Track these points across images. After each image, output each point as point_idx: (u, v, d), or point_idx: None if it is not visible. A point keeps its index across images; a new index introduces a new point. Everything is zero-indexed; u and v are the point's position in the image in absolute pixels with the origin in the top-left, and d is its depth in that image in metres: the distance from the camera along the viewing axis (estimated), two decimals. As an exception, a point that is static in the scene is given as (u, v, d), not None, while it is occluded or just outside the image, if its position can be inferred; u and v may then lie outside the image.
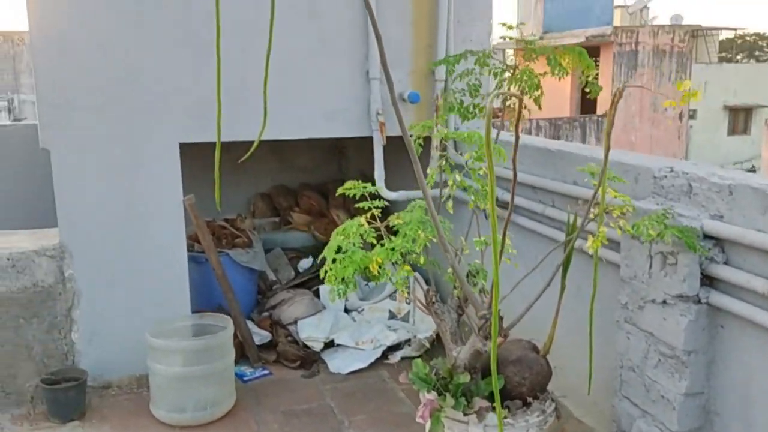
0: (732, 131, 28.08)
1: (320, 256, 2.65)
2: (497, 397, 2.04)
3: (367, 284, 4.86)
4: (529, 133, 18.01)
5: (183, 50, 3.74)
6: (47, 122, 3.57)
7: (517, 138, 1.91)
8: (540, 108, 3.54)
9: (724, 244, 2.41)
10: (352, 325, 4.39)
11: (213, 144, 3.94)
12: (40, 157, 4.10)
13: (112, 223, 3.73)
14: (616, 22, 22.23)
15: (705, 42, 30.97)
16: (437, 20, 4.19)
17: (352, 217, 5.36)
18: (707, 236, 2.41)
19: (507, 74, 3.20)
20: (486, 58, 3.13)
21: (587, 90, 3.45)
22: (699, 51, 29.97)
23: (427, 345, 4.19)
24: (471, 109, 3.45)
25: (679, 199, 2.59)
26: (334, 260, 2.45)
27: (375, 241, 2.57)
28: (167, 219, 3.82)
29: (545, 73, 3.19)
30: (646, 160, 2.89)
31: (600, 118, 18.51)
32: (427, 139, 3.93)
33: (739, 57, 44.79)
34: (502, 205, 3.87)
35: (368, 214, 2.71)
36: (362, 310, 4.54)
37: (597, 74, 3.47)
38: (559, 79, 3.27)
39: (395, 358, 4.19)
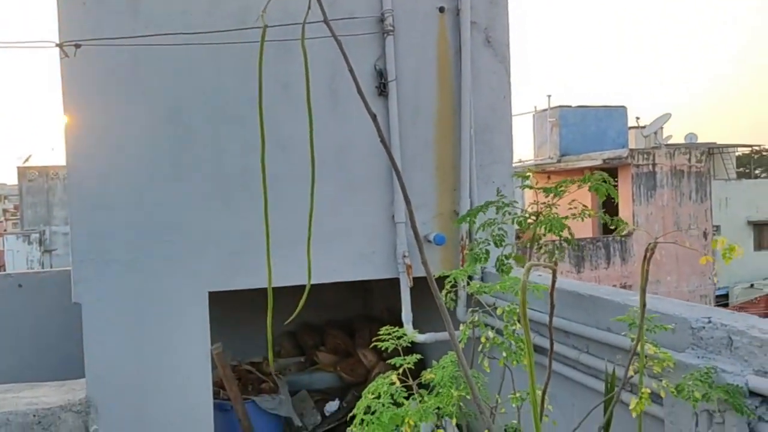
0: (758, 246, 27.84)
1: (351, 414, 2.58)
2: None
3: None
4: (552, 253, 17.96)
5: (214, 203, 3.86)
6: (80, 276, 3.64)
7: (552, 307, 1.89)
8: (572, 245, 3.55)
9: (773, 402, 2.30)
10: (382, 476, 4.18)
11: (238, 291, 3.96)
12: (72, 306, 4.15)
13: (139, 376, 3.70)
14: (632, 144, 22.71)
15: (722, 159, 31.46)
16: (460, 164, 4.32)
17: (379, 356, 5.28)
18: (753, 393, 2.31)
19: (530, 220, 3.23)
20: (505, 207, 3.18)
21: (612, 227, 3.47)
22: (716, 168, 30.37)
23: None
24: (503, 260, 3.46)
25: (720, 352, 2.51)
26: (362, 421, 2.37)
27: (405, 401, 2.50)
28: (194, 369, 3.79)
29: (567, 216, 3.22)
30: (682, 308, 2.84)
31: (623, 239, 18.49)
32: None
33: (757, 172, 45.22)
34: (535, 349, 3.80)
35: (401, 370, 2.66)
36: (393, 460, 4.34)
37: (617, 203, 3.51)
38: (582, 220, 3.29)
39: None
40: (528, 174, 3.35)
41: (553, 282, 1.82)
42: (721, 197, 26.49)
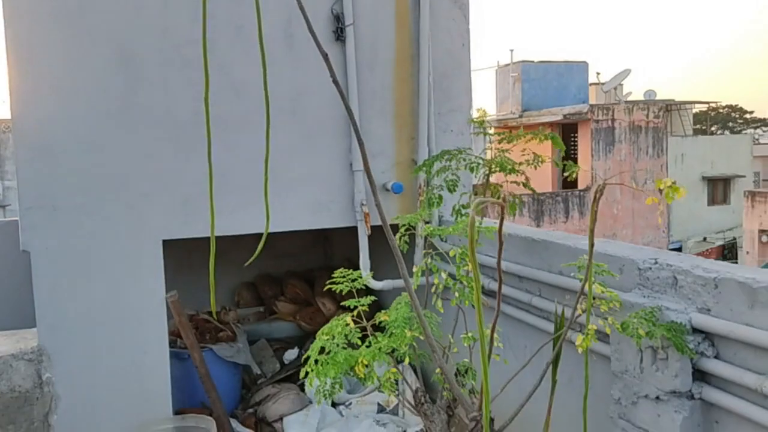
0: (712, 201, 28.63)
1: (305, 355, 2.60)
2: None
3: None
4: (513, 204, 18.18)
5: (166, 149, 3.77)
6: (28, 224, 3.55)
7: (501, 242, 1.91)
8: (533, 192, 3.59)
9: (713, 338, 2.39)
10: (340, 420, 4.26)
11: (195, 239, 3.92)
12: (22, 255, 4.06)
13: (93, 324, 3.65)
14: (592, 100, 22.92)
15: (679, 116, 31.99)
16: (418, 112, 4.29)
17: (338, 305, 5.31)
18: (696, 330, 2.39)
19: (483, 168, 3.24)
20: (460, 155, 3.18)
21: (565, 173, 3.50)
22: (674, 124, 30.91)
23: (419, 440, 4.06)
24: (459, 208, 3.48)
25: (665, 292, 2.58)
26: (316, 361, 2.39)
27: (360, 342, 2.53)
28: (149, 317, 3.75)
29: (521, 163, 3.24)
30: (629, 250, 2.90)
31: (581, 193, 18.81)
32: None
33: (713, 129, 46.18)
34: (488, 293, 3.87)
35: (355, 312, 2.69)
36: (350, 404, 4.42)
37: (564, 156, 3.56)
38: (536, 167, 3.32)
39: (385, 454, 4.05)
40: (483, 119, 3.35)
41: (501, 220, 1.83)
42: (678, 153, 27.03)
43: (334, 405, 4.49)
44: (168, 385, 3.81)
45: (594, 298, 2.54)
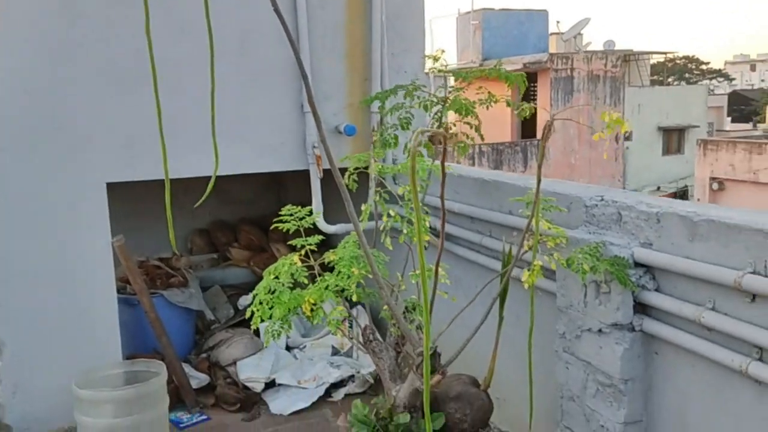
0: (666, 151, 29.15)
1: (252, 294, 2.57)
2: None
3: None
4: (473, 159, 18.27)
5: (108, 89, 3.62)
6: (-38, 167, 3.40)
7: (444, 175, 1.89)
8: (482, 138, 3.55)
9: (654, 272, 2.43)
10: (294, 363, 4.27)
11: (142, 182, 3.82)
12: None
13: (36, 269, 3.55)
14: (552, 49, 22.88)
15: (637, 66, 32.23)
16: (371, 53, 4.20)
17: (292, 250, 5.29)
18: (638, 264, 2.43)
19: (438, 106, 3.19)
20: (414, 91, 3.12)
21: (516, 112, 3.46)
22: (632, 75, 31.16)
23: (371, 380, 4.11)
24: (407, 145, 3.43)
25: (610, 228, 2.61)
26: (261, 302, 2.36)
27: (306, 281, 2.51)
28: (95, 262, 3.66)
29: (475, 102, 3.19)
30: (577, 189, 2.92)
31: (539, 141, 18.94)
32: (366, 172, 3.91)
33: (670, 79, 46.77)
34: (438, 235, 3.87)
35: (302, 252, 2.66)
36: (304, 347, 4.44)
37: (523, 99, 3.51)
38: (488, 107, 3.27)
39: (339, 395, 4.09)
40: (438, 55, 3.28)
41: (444, 152, 1.80)
42: (635, 104, 27.31)
43: (288, 348, 4.50)
44: (117, 330, 3.75)
45: (541, 235, 2.55)
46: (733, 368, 2.11)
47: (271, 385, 4.13)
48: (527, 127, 20.09)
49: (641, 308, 2.46)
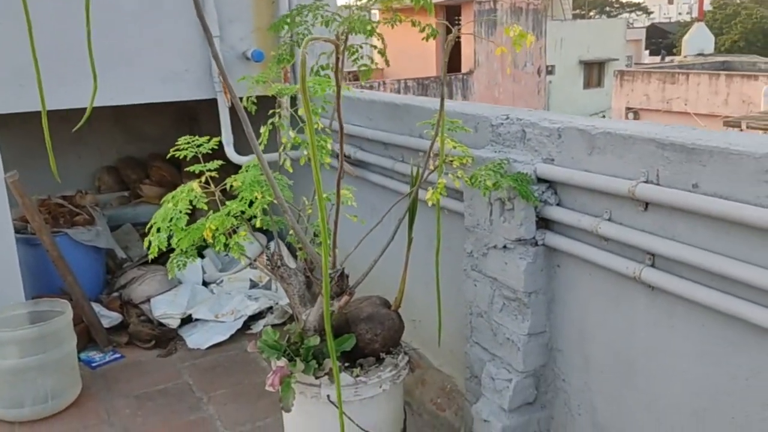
0: (587, 84, 29.80)
1: (149, 223, 2.47)
2: (333, 359, 1.98)
3: (226, 255, 4.67)
4: (398, 92, 18.13)
5: (-12, 12, 3.32)
6: None
7: (339, 87, 1.82)
8: (387, 63, 3.46)
9: (556, 187, 2.46)
10: (211, 298, 4.20)
11: (39, 114, 3.58)
12: None
13: None
14: (476, -19, 22.68)
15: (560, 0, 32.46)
16: (277, -27, 4.01)
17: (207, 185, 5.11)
18: (541, 180, 2.46)
19: (340, 25, 3.08)
20: (317, 10, 3.00)
21: (423, 36, 3.34)
22: (554, 8, 31.38)
23: (290, 311, 4.09)
24: (318, 70, 3.32)
25: (515, 146, 2.61)
26: (158, 229, 2.27)
27: (206, 206, 2.42)
28: (-14, 200, 3.44)
29: (379, 21, 3.09)
30: (484, 109, 2.90)
31: (465, 76, 18.97)
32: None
33: (591, 13, 47.38)
34: (354, 163, 3.82)
35: (202, 179, 2.56)
36: (221, 281, 4.36)
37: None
38: (393, 26, 3.16)
39: (258, 327, 4.07)
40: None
41: (337, 61, 1.72)
42: (557, 38, 27.62)
43: (205, 284, 4.42)
44: (17, 271, 3.57)
45: (446, 155, 2.54)
46: (627, 275, 2.18)
47: (187, 321, 4.06)
48: (452, 62, 20.03)
49: (544, 223, 2.50)
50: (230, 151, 4.04)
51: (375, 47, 3.07)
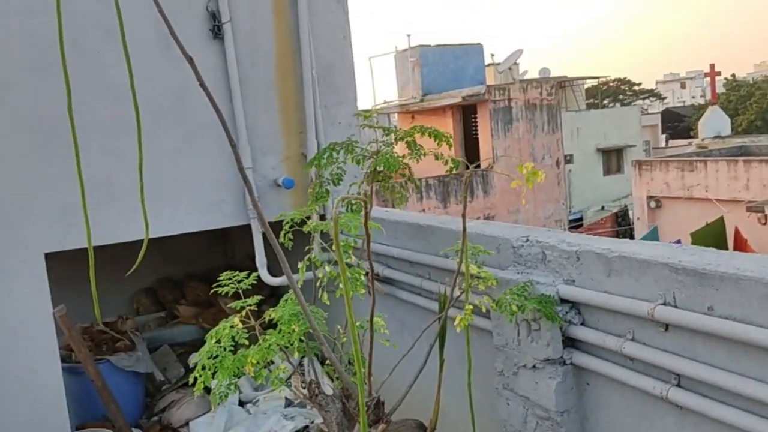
0: (607, 171, 30.13)
1: (194, 360, 2.60)
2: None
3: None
4: (420, 193, 18.49)
5: (40, 157, 3.63)
6: None
7: (368, 237, 1.99)
8: (417, 186, 3.67)
9: (579, 307, 2.57)
10: (248, 418, 4.26)
11: (82, 249, 3.81)
12: None
13: (-26, 346, 3.49)
14: (490, 80, 23.54)
15: (572, 91, 33.40)
16: (304, 106, 4.31)
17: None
18: (563, 300, 2.57)
19: (370, 160, 3.30)
20: (349, 149, 3.23)
21: (445, 166, 3.56)
22: (568, 100, 32.23)
23: (326, 430, 4.12)
24: (350, 201, 3.53)
25: (537, 267, 2.74)
26: (204, 367, 2.40)
27: (247, 342, 2.56)
28: (36, 334, 3.62)
29: (404, 156, 3.31)
30: (504, 230, 3.06)
31: (484, 172, 19.35)
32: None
33: (605, 102, 48.48)
34: (382, 280, 3.96)
35: (243, 313, 2.70)
36: (257, 401, 4.43)
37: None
38: (418, 161, 3.39)
39: (295, 447, 4.09)
40: (369, 113, 3.40)
41: (366, 213, 1.90)
42: (573, 127, 28.24)
43: (242, 404, 4.48)
44: (63, 401, 3.69)
45: (473, 278, 2.67)
46: (655, 395, 2.25)
47: (226, 443, 4.11)
48: (471, 157, 20.53)
49: (570, 342, 2.59)
50: (264, 273, 4.22)
51: (408, 179, 3.28)
